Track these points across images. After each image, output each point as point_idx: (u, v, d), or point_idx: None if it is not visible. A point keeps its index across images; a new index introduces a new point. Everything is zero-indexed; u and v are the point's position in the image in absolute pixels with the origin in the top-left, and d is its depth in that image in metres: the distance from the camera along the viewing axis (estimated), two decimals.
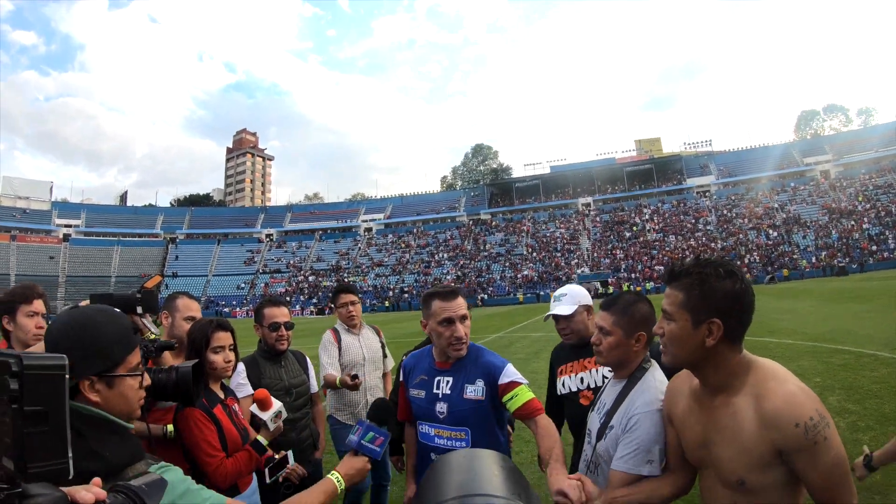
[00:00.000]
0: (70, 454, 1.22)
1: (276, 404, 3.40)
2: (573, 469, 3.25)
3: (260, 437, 3.32)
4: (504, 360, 3.24)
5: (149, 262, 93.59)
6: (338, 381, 4.82)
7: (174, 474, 1.67)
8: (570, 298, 3.70)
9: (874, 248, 62.83)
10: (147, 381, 1.96)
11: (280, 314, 4.41)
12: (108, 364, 1.75)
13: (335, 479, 2.27)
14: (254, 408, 3.36)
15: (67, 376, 1.26)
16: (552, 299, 3.80)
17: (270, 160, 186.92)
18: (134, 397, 1.84)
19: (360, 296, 5.65)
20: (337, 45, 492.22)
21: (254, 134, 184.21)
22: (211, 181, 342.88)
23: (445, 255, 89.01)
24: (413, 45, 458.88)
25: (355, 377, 4.78)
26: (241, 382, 4.10)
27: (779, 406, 1.93)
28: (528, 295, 70.21)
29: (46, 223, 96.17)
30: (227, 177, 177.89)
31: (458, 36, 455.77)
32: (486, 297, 71.80)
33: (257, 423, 3.38)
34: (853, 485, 1.96)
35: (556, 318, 3.68)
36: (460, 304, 3.18)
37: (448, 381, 3.18)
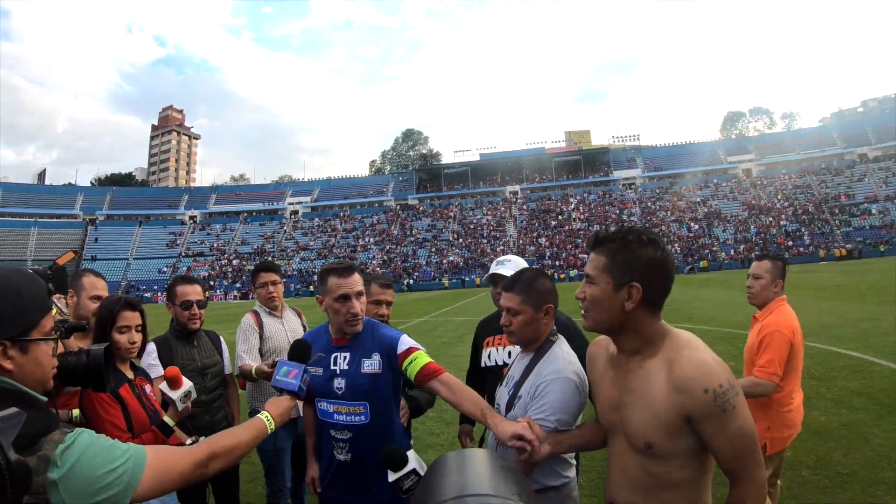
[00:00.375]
0: None
1: (187, 384, 3.26)
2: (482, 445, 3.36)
3: (167, 418, 3.23)
4: (399, 331, 3.26)
5: (67, 244, 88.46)
6: (254, 372, 4.50)
7: (87, 436, 1.61)
8: (513, 265, 3.72)
9: (790, 243, 66.73)
10: (60, 347, 1.86)
11: (192, 292, 4.27)
12: (23, 327, 1.65)
13: (265, 417, 2.26)
14: (163, 386, 3.23)
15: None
16: (495, 263, 3.83)
17: (197, 139, 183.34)
18: (48, 365, 1.74)
19: (283, 276, 5.34)
20: (272, 22, 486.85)
21: (181, 111, 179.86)
22: (134, 160, 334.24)
23: (372, 240, 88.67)
24: (350, 27, 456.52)
25: (274, 364, 4.11)
26: (152, 363, 3.99)
27: (689, 371, 1.94)
28: (454, 280, 70.80)
29: None
30: (151, 155, 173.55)
31: (396, 19, 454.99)
32: (411, 281, 71.93)
33: (166, 403, 3.28)
34: (761, 456, 1.97)
35: (496, 280, 3.68)
36: (356, 281, 3.16)
37: (345, 357, 3.16)
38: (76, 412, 3.10)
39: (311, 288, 71.64)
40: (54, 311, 2.77)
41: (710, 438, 1.93)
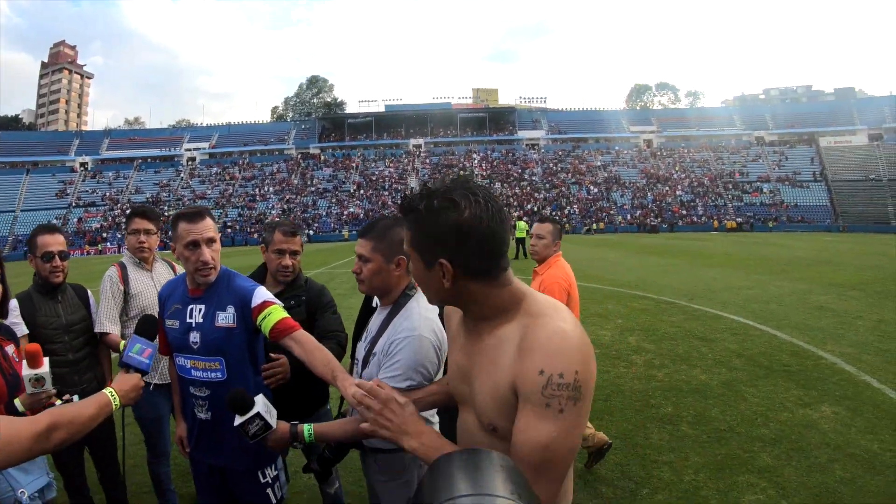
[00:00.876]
0: None
1: (44, 368, 2.76)
2: None
3: (17, 402, 2.84)
4: (255, 283, 3.11)
5: None
6: (121, 346, 3.85)
7: None
8: None
9: (685, 212, 70.23)
10: None
11: (54, 242, 3.98)
12: None
13: (109, 393, 2.17)
14: (24, 364, 2.77)
15: None
16: None
17: (90, 78, 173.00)
18: None
19: (161, 227, 4.80)
20: None
21: (73, 48, 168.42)
22: (22, 101, 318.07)
23: (271, 189, 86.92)
24: None
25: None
26: (14, 321, 3.70)
27: (540, 338, 1.57)
28: (354, 232, 69.43)
29: None
30: (39, 96, 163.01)
31: None
32: (311, 232, 71.03)
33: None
34: (557, 476, 1.57)
35: None
36: (207, 226, 2.96)
37: (200, 310, 3.01)
38: None
39: None
40: None
41: (514, 428, 1.58)
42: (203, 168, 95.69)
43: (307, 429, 2.53)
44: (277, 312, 2.88)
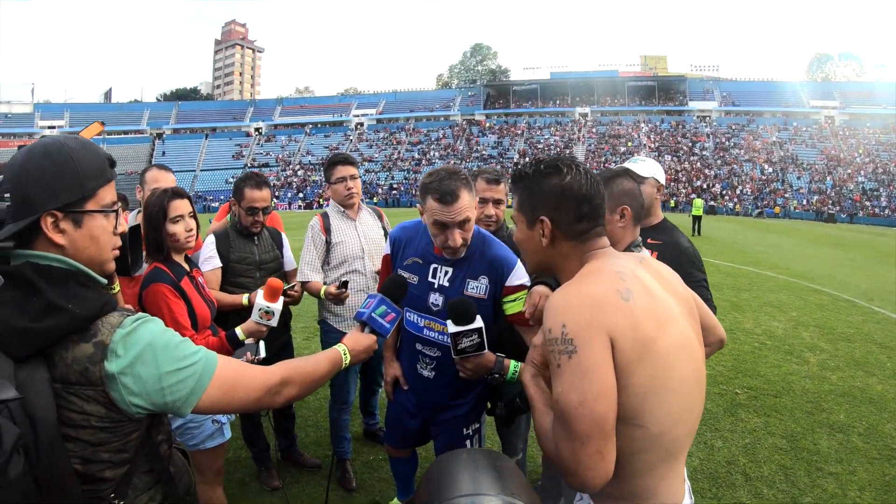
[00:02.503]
0: None
1: (277, 304, 2.97)
2: None
3: (239, 330, 3.03)
4: (514, 255, 2.93)
5: (136, 158, 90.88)
6: (322, 293, 4.17)
7: (153, 325, 1.53)
8: (648, 167, 3.69)
9: (867, 202, 61.95)
10: (123, 226, 1.70)
11: (260, 199, 4.08)
12: (75, 196, 1.50)
13: (342, 350, 2.07)
14: (260, 294, 2.99)
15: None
16: (630, 160, 3.72)
17: (260, 52, 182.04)
18: (107, 242, 1.60)
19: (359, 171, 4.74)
20: None
21: (243, 25, 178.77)
22: (199, 75, 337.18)
23: (437, 154, 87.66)
24: None
25: (343, 286, 4.07)
26: (209, 256, 3.99)
27: (550, 301, 1.71)
28: None
29: (29, 125, 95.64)
30: (215, 70, 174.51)
31: None
32: None
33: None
34: (572, 431, 1.54)
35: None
36: (461, 208, 2.69)
37: (447, 273, 2.90)
38: None
39: (375, 200, 71.78)
40: None
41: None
42: (370, 133, 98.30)
43: (513, 365, 2.60)
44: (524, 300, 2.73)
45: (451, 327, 2.48)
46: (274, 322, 3.00)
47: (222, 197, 76.91)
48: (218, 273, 3.96)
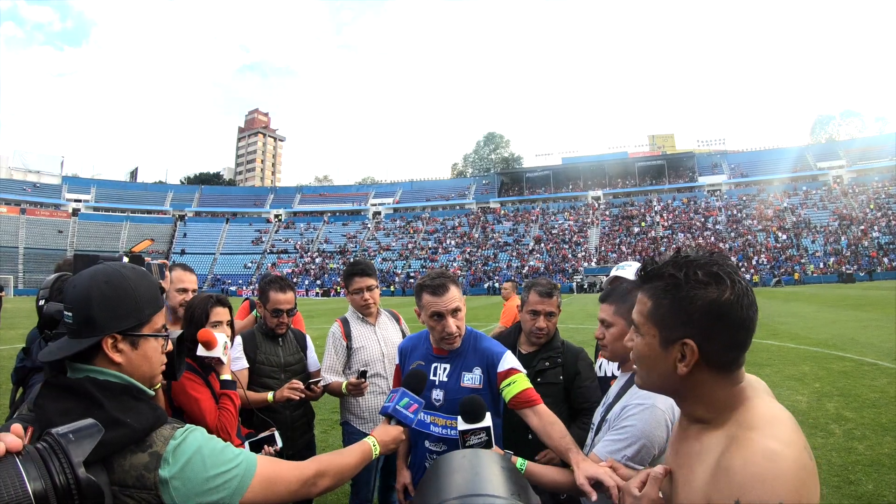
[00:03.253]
0: None
1: (220, 337, 3.26)
2: None
3: (224, 376, 3.31)
4: (503, 346, 3.18)
5: (157, 238, 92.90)
6: (343, 387, 4.22)
7: (199, 434, 1.62)
8: (634, 270, 3.44)
9: (883, 257, 62.26)
10: (170, 346, 1.90)
11: (285, 301, 4.29)
12: (134, 321, 1.68)
13: (372, 443, 2.23)
14: (200, 350, 3.22)
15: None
16: (615, 268, 3.62)
17: (282, 141, 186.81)
18: (157, 361, 1.79)
19: (378, 278, 4.80)
20: (352, 28, 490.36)
21: (266, 114, 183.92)
22: (222, 160, 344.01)
23: (453, 242, 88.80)
24: (429, 31, 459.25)
25: (363, 374, 4.10)
26: (237, 356, 4.08)
27: (739, 463, 1.33)
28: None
29: (56, 197, 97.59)
30: (238, 156, 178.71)
31: (473, 23, 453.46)
32: (493, 285, 71.14)
33: (212, 366, 3.35)
34: None
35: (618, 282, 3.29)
36: (451, 298, 3.05)
37: (445, 369, 3.12)
38: None
39: (392, 288, 72.25)
40: None
41: None
42: (388, 222, 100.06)
43: (520, 462, 2.53)
44: (522, 382, 2.93)
45: (461, 425, 2.49)
46: (230, 343, 3.35)
47: (240, 281, 78.58)
48: (245, 373, 4.10)
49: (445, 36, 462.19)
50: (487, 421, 2.49)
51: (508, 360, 3.05)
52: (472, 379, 3.06)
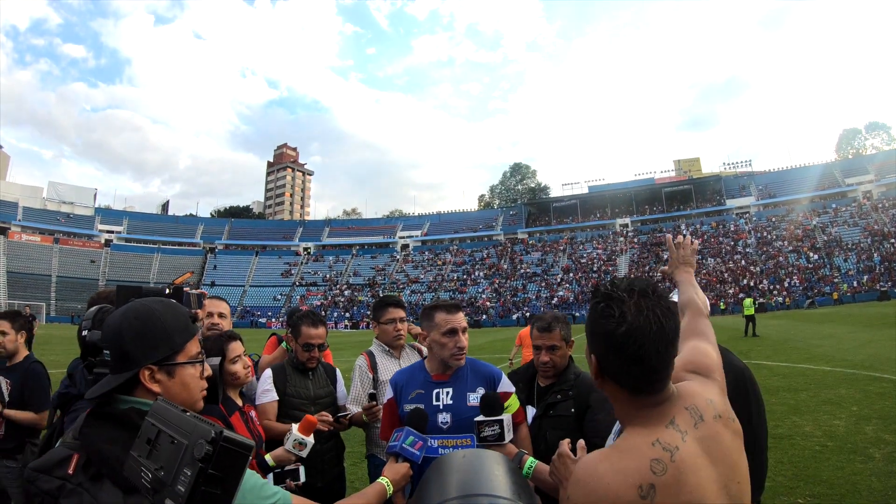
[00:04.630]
0: None
1: (310, 438, 3.25)
2: None
3: (268, 456, 3.31)
4: (497, 368, 3.50)
5: (187, 269, 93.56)
6: (363, 415, 4.21)
7: None
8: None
9: None
10: (208, 370, 1.98)
11: (316, 336, 4.35)
12: (167, 352, 1.76)
13: (385, 482, 2.37)
14: (294, 427, 3.25)
15: (250, 458, 1.31)
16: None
17: (310, 175, 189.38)
18: (196, 387, 1.86)
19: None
20: (377, 63, 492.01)
21: (294, 149, 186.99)
22: (251, 194, 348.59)
23: (482, 274, 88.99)
24: (453, 64, 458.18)
25: (373, 397, 4.19)
26: (266, 389, 4.17)
27: (578, 471, 1.52)
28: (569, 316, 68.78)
29: (89, 228, 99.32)
30: (267, 190, 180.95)
31: (497, 54, 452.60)
32: (521, 315, 70.77)
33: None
34: None
35: None
36: (462, 318, 3.36)
37: (448, 392, 3.29)
38: None
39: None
40: None
41: None
42: (416, 254, 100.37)
43: (530, 461, 2.71)
44: (516, 403, 3.34)
45: (479, 416, 2.77)
46: (304, 453, 3.22)
47: (269, 313, 79.16)
48: (275, 405, 4.14)
49: (472, 70, 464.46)
50: (503, 417, 2.76)
51: (506, 382, 3.41)
52: (477, 398, 3.20)
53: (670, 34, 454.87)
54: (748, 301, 29.35)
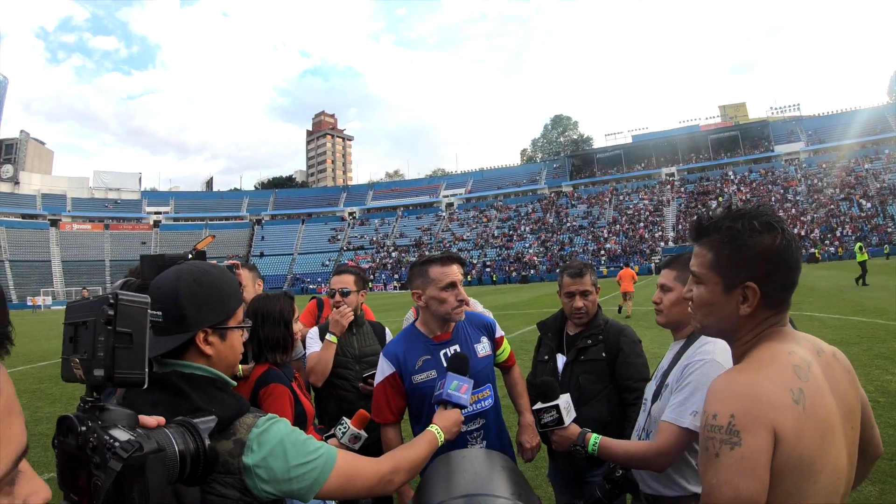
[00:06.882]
0: (146, 370, 1.33)
1: (363, 434, 3.07)
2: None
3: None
4: (488, 315, 3.69)
5: (236, 243, 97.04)
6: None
7: (283, 425, 1.74)
8: None
9: None
10: (246, 335, 2.02)
11: (339, 282, 4.40)
12: (223, 315, 1.82)
13: (435, 430, 2.29)
14: (348, 421, 3.09)
15: (149, 311, 1.34)
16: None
17: (350, 140, 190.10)
18: (239, 350, 1.92)
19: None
20: (407, 23, 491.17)
21: (332, 116, 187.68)
22: (293, 164, 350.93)
23: (527, 229, 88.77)
24: (485, 18, 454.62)
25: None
26: (314, 339, 4.26)
27: (716, 384, 1.57)
28: (612, 268, 67.42)
29: (137, 211, 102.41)
30: (308, 159, 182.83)
31: (530, 6, 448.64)
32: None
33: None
34: None
35: None
36: (458, 269, 3.24)
37: (456, 349, 3.18)
38: None
39: (469, 278, 72.06)
40: None
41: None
42: (461, 212, 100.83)
43: (594, 438, 2.59)
44: (508, 348, 3.51)
45: (537, 405, 2.71)
46: (357, 446, 3.04)
47: (319, 279, 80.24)
48: (316, 354, 4.17)
49: (505, 23, 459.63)
50: (560, 400, 2.69)
51: (499, 327, 3.51)
52: (484, 348, 3.30)
53: None
54: (858, 245, 27.94)
